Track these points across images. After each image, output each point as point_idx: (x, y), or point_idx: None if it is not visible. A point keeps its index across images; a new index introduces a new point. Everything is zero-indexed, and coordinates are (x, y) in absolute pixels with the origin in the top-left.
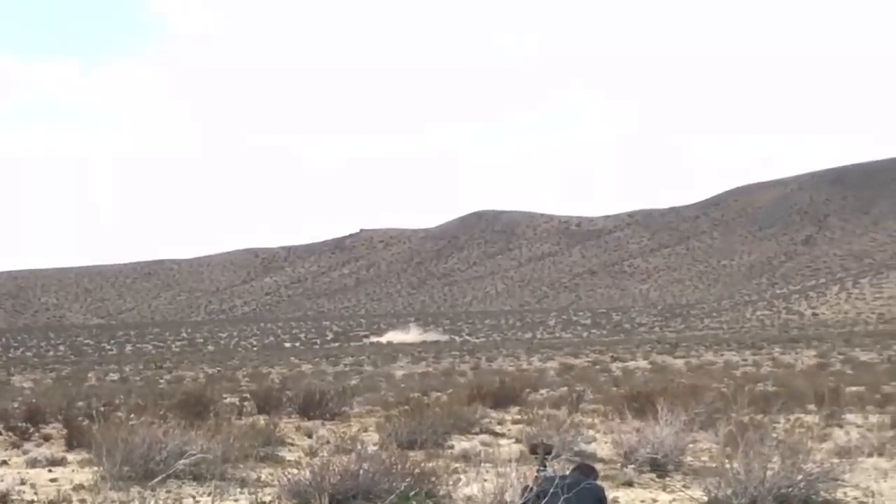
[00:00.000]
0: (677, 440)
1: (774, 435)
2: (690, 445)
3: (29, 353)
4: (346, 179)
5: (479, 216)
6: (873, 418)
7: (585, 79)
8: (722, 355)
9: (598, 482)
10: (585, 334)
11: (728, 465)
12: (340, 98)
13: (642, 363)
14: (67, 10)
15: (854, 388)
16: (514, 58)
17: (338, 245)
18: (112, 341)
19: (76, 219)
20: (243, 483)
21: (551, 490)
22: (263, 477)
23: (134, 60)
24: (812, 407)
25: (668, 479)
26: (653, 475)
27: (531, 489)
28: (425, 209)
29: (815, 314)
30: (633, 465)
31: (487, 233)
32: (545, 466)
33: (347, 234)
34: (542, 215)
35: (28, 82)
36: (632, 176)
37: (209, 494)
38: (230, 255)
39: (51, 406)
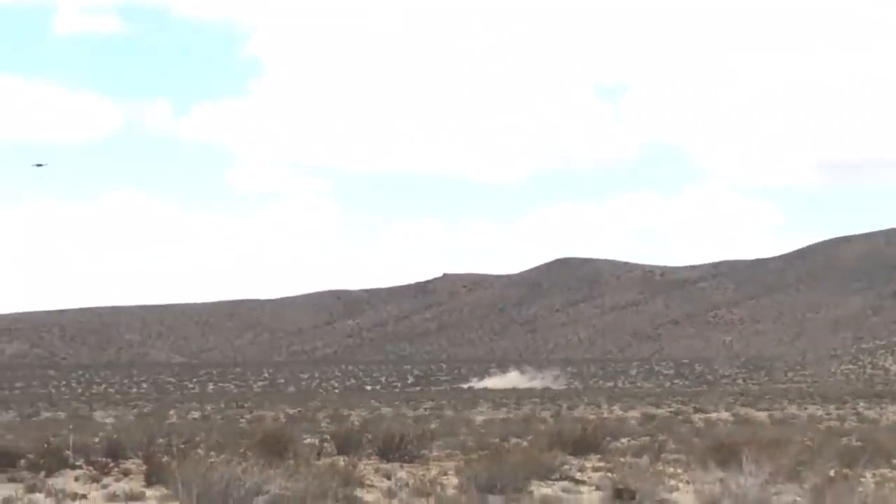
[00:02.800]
0: (762, 492)
1: (861, 489)
2: (775, 497)
3: (111, 390)
4: (430, 222)
5: (562, 263)
6: None
7: (674, 121)
8: (805, 409)
9: None
10: (667, 384)
11: None
12: (425, 140)
13: (724, 415)
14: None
15: None
16: (599, 98)
17: (420, 289)
18: (194, 380)
19: (161, 257)
20: None
21: None
22: None
23: (228, 98)
24: None
25: None
26: None
27: None
28: (509, 255)
29: None
30: None
31: (571, 280)
32: None
33: (430, 277)
34: (625, 264)
35: (117, 120)
36: (717, 225)
37: None
38: (312, 297)
39: (131, 442)
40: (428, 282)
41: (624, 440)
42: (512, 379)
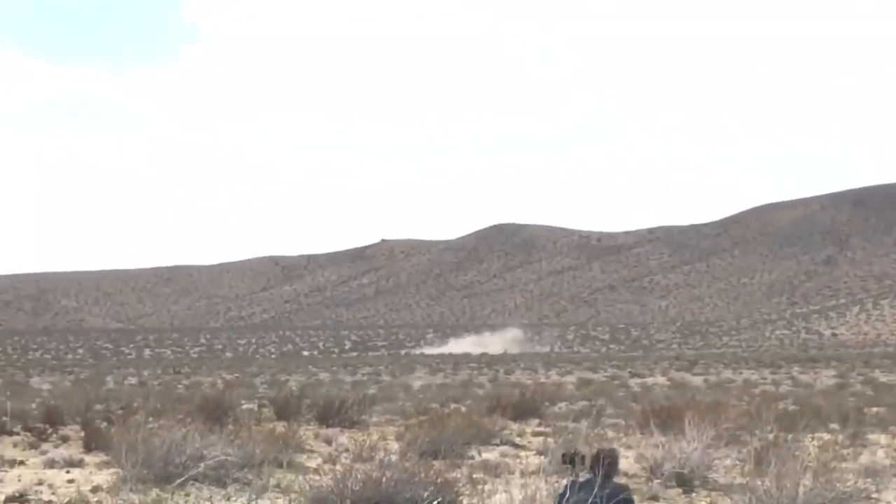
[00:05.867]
0: (704, 456)
1: (798, 453)
2: (717, 461)
3: (48, 356)
4: (368, 188)
5: (499, 229)
6: None
7: (609, 89)
8: (741, 373)
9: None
10: (604, 349)
11: (759, 482)
12: (364, 106)
13: (660, 379)
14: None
15: (875, 409)
16: (538, 66)
17: (358, 254)
18: (131, 345)
19: (97, 222)
20: (263, 488)
21: (590, 501)
22: (284, 483)
23: (165, 66)
24: (835, 426)
25: (694, 494)
26: (678, 490)
27: (567, 498)
28: (445, 220)
29: (834, 334)
30: (658, 480)
31: (507, 246)
32: (578, 476)
33: (368, 243)
34: (562, 229)
35: (55, 84)
36: (652, 191)
37: (228, 499)
38: (250, 263)
39: (69, 408)
40: (366, 247)
41: (562, 405)
42: (514, 337)
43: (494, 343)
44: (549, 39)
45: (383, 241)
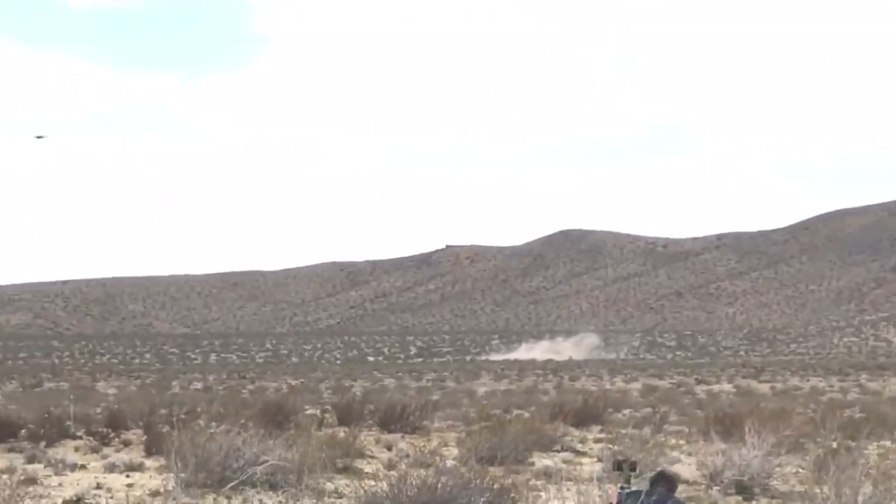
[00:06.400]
0: (764, 463)
1: (863, 461)
2: (777, 469)
3: (115, 360)
4: (433, 193)
5: (565, 235)
6: None
7: (678, 95)
8: (808, 381)
9: (677, 496)
10: (670, 356)
11: (818, 490)
12: (431, 112)
13: (727, 387)
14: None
15: None
16: (607, 72)
17: (423, 260)
18: (197, 350)
19: (165, 228)
20: (320, 493)
21: None
22: (340, 488)
23: (232, 74)
24: None
25: (753, 502)
26: (738, 498)
27: None
28: (511, 226)
29: None
30: (718, 487)
31: (573, 252)
32: (629, 484)
33: (433, 249)
34: (628, 235)
35: (121, 91)
36: (720, 197)
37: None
38: (316, 268)
39: (132, 412)
40: (431, 253)
41: (626, 412)
42: (589, 343)
43: (569, 349)
44: (619, 47)
45: (449, 246)
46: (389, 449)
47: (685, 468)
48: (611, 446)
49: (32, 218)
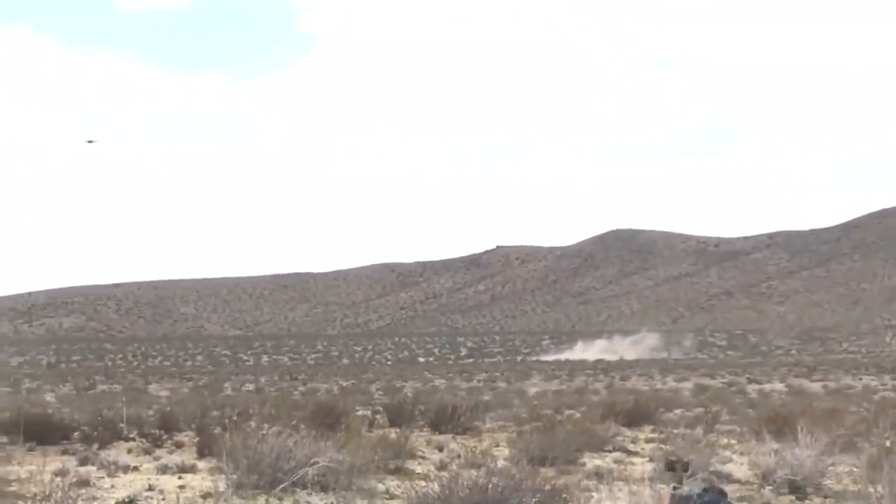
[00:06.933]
0: (817, 463)
1: None
2: (830, 468)
3: (167, 363)
4: (483, 194)
5: (615, 235)
6: None
7: (728, 93)
8: (860, 379)
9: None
10: (721, 356)
11: (872, 489)
12: (480, 113)
13: (779, 386)
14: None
15: None
16: (656, 70)
17: (473, 261)
18: (249, 352)
19: (216, 230)
20: (371, 495)
21: None
22: (392, 489)
23: (281, 75)
24: None
25: (807, 501)
26: (791, 497)
27: None
28: (561, 226)
29: None
30: (770, 487)
31: (624, 252)
32: (681, 484)
33: (483, 250)
34: (679, 235)
35: (172, 93)
36: (771, 196)
37: None
38: (366, 270)
39: (185, 414)
40: (481, 254)
41: (677, 411)
42: (648, 343)
43: (627, 349)
44: (666, 44)
45: (499, 247)
46: (440, 450)
47: (737, 468)
48: (662, 446)
49: (84, 222)
